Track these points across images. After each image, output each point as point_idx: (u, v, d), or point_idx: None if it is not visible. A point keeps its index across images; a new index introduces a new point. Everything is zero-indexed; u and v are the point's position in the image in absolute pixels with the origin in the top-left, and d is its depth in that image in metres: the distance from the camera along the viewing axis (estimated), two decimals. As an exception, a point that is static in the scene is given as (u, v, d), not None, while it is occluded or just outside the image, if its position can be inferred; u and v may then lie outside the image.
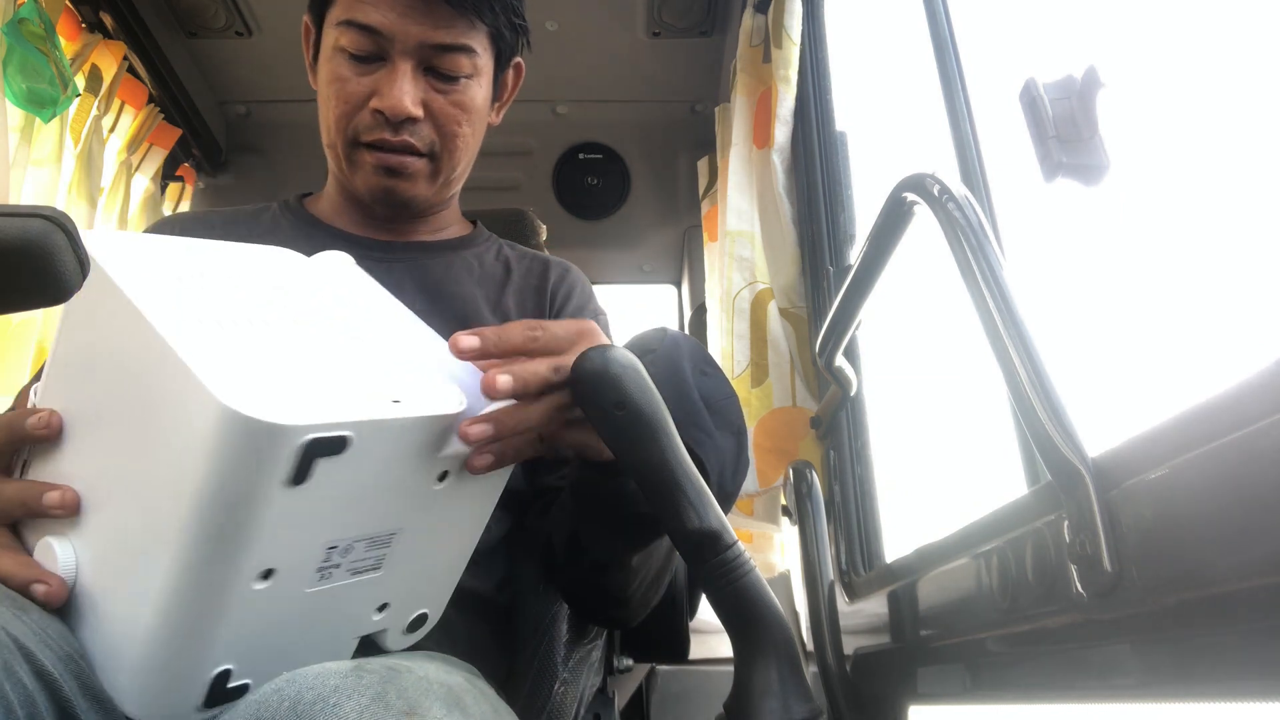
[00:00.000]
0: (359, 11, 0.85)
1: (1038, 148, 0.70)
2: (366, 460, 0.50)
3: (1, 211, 0.62)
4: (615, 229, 2.38)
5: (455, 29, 0.86)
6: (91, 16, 1.79)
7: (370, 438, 0.49)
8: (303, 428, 0.45)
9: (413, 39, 0.85)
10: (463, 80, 0.89)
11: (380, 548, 0.55)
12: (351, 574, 0.54)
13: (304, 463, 0.46)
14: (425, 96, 0.88)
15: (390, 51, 0.86)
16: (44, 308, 0.73)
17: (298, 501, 0.48)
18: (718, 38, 2.07)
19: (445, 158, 0.91)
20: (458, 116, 0.90)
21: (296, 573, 0.51)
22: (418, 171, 0.90)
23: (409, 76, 0.86)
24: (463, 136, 0.91)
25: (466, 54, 0.88)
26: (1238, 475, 0.46)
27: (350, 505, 0.51)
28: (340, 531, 0.52)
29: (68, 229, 0.65)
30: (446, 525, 0.60)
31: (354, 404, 0.49)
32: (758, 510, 1.51)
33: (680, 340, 1.11)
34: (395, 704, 0.46)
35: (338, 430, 0.47)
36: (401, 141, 0.88)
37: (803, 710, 0.55)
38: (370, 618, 0.59)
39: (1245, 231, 0.77)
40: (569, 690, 0.96)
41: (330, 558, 0.52)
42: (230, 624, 0.50)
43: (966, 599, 0.80)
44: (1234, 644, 0.50)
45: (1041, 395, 0.63)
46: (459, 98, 0.89)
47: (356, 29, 0.85)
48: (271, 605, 0.51)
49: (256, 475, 0.45)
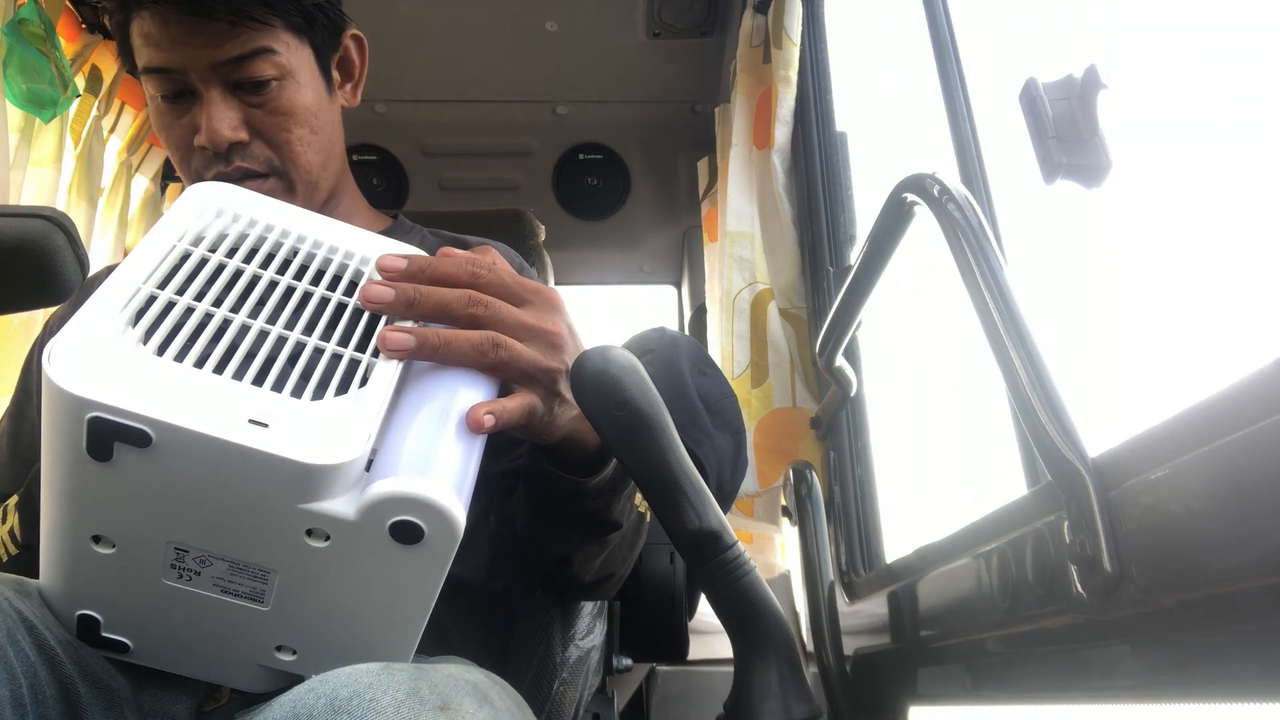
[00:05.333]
0: (148, 56, 0.83)
1: (1038, 148, 0.70)
2: (188, 469, 0.47)
3: (1, 211, 0.62)
4: (615, 229, 2.38)
5: (240, 38, 0.82)
6: (91, 17, 1.79)
7: (181, 444, 0.46)
8: (86, 402, 0.45)
9: (204, 63, 0.82)
10: (273, 85, 0.85)
11: (254, 580, 0.52)
12: (221, 591, 0.53)
13: (98, 439, 0.46)
14: (244, 116, 0.84)
15: (192, 83, 0.83)
16: (44, 308, 0.73)
17: (111, 480, 0.48)
18: (718, 38, 2.08)
19: (290, 168, 0.87)
20: (283, 123, 0.86)
21: (141, 557, 0.51)
22: (270, 191, 0.86)
23: (217, 103, 0.83)
24: (299, 139, 0.87)
25: (264, 56, 0.83)
26: (1238, 475, 0.46)
27: (188, 513, 0.50)
28: (183, 535, 0.50)
29: (68, 229, 0.65)
30: (354, 592, 0.53)
31: (170, 398, 0.47)
32: (758, 511, 1.51)
33: (679, 340, 1.11)
34: (429, 699, 0.47)
35: (129, 420, 0.46)
36: (236, 169, 0.85)
37: (803, 711, 0.55)
38: (270, 652, 0.56)
39: (1246, 232, 0.77)
40: (568, 690, 0.96)
41: (183, 559, 0.51)
42: (80, 573, 0.53)
43: (967, 599, 0.80)
44: (1234, 644, 0.50)
45: (1041, 395, 0.63)
46: (275, 104, 0.85)
47: (153, 74, 0.83)
48: (125, 577, 0.53)
49: (64, 437, 0.47)
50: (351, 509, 0.49)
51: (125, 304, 0.51)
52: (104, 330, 0.49)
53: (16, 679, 0.50)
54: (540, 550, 0.76)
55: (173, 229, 0.57)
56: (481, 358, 0.56)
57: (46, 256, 0.60)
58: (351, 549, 0.50)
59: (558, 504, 0.70)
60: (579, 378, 0.56)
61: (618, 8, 2.00)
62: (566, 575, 0.77)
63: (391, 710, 0.45)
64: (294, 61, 0.86)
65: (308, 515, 0.49)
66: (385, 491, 0.48)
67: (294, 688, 0.50)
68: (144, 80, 0.85)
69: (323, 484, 0.48)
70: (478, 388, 0.57)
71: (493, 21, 2.02)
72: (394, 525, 0.49)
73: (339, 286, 0.59)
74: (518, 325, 0.59)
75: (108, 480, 0.48)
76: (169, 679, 0.60)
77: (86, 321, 0.49)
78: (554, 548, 0.75)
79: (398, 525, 0.49)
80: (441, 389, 0.56)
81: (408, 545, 0.50)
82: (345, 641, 0.56)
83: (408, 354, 0.55)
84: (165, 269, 0.54)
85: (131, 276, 0.53)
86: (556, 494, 0.69)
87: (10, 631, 0.51)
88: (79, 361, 0.47)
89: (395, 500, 0.48)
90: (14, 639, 0.51)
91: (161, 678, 0.60)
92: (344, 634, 0.56)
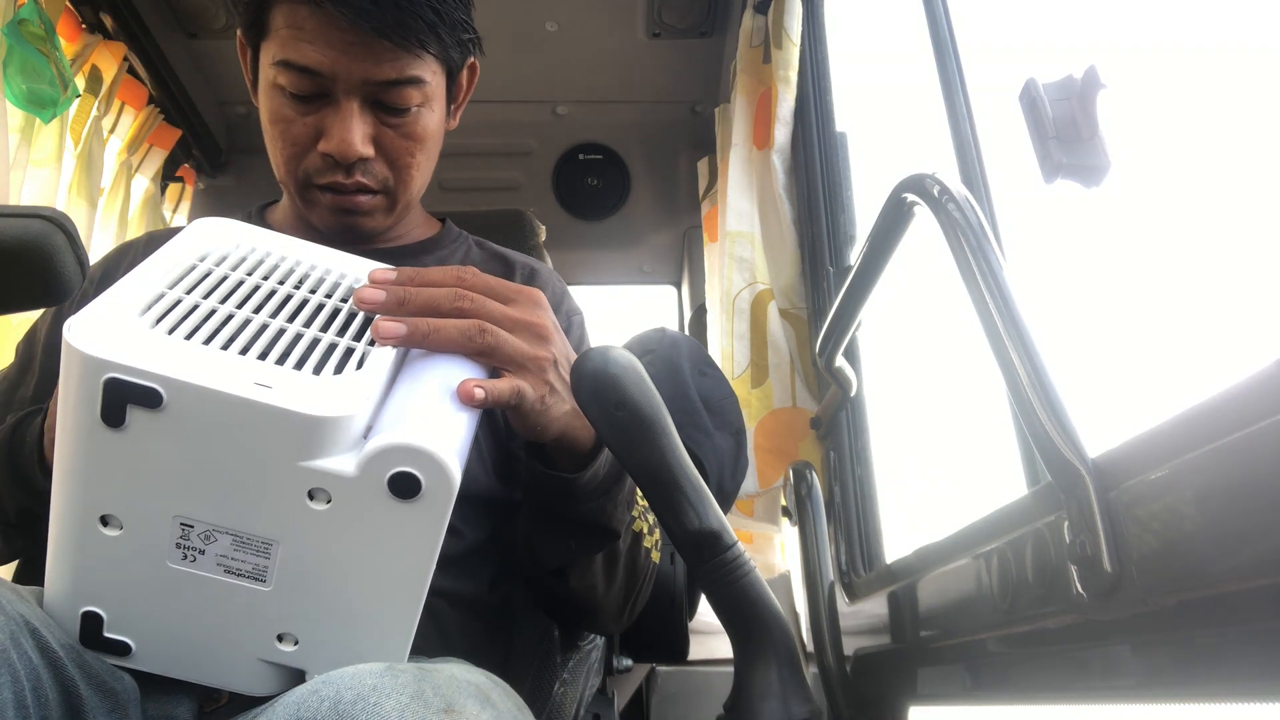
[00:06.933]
0: (295, 51, 0.78)
1: (1038, 148, 0.70)
2: (197, 430, 0.49)
3: (1, 212, 0.62)
4: (615, 230, 2.38)
5: (399, 62, 0.80)
6: (92, 17, 1.79)
7: (191, 402, 0.48)
8: (103, 362, 0.47)
9: (355, 77, 0.79)
10: (413, 110, 0.83)
11: (257, 555, 0.53)
12: (225, 571, 0.53)
13: (112, 402, 0.48)
14: (375, 133, 0.83)
15: (333, 90, 0.80)
16: (44, 308, 0.73)
17: (122, 447, 0.49)
18: (718, 38, 2.08)
19: (400, 190, 0.87)
20: (410, 148, 0.85)
21: (147, 536, 0.52)
22: (375, 207, 0.87)
23: (355, 115, 0.81)
24: (417, 164, 0.87)
25: (414, 84, 0.82)
26: (1238, 475, 0.46)
27: (196, 481, 0.51)
28: (189, 507, 0.52)
29: (68, 229, 0.65)
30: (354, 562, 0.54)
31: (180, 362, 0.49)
32: (758, 511, 1.51)
33: (679, 340, 1.11)
34: (433, 701, 0.47)
35: (143, 379, 0.47)
36: (355, 183, 0.84)
37: (802, 711, 0.55)
38: (271, 643, 0.57)
39: (1246, 232, 0.78)
40: (569, 691, 0.96)
41: (188, 537, 0.52)
42: (88, 560, 0.54)
43: (967, 599, 0.80)
44: (1234, 644, 0.50)
45: (1041, 395, 0.63)
46: (410, 129, 0.84)
47: (294, 70, 0.79)
48: (132, 563, 0.53)
49: (77, 402, 0.48)
50: (351, 465, 0.51)
51: (138, 296, 0.53)
52: (120, 312, 0.51)
53: (20, 682, 0.50)
54: (537, 562, 0.76)
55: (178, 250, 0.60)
56: (469, 342, 0.59)
57: (46, 256, 0.61)
58: (352, 510, 0.52)
59: (550, 507, 0.70)
60: (579, 377, 0.56)
61: (618, 8, 2.00)
62: (565, 591, 0.77)
63: (396, 713, 0.45)
64: (434, 91, 0.85)
65: (310, 474, 0.50)
66: (384, 443, 0.51)
67: (296, 689, 0.50)
68: (275, 70, 0.81)
69: (325, 438, 0.50)
70: (469, 370, 0.60)
71: (493, 21, 2.01)
72: (393, 477, 0.51)
73: (335, 295, 0.63)
74: (503, 317, 0.61)
75: (120, 449, 0.50)
76: (169, 682, 0.60)
77: (104, 303, 0.51)
78: (549, 557, 0.74)
79: (397, 477, 0.51)
80: (434, 370, 0.59)
81: (406, 501, 0.51)
82: (346, 624, 0.57)
83: (400, 340, 0.57)
84: (173, 276, 0.57)
85: (142, 279, 0.55)
86: (549, 495, 0.69)
87: (13, 634, 0.51)
88: (97, 331, 0.49)
89: (394, 450, 0.51)
90: (17, 642, 0.51)
91: (161, 681, 0.60)
92: (345, 615, 0.57)
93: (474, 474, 0.79)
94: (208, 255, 0.60)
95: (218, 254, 0.61)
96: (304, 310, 0.59)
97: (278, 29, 0.80)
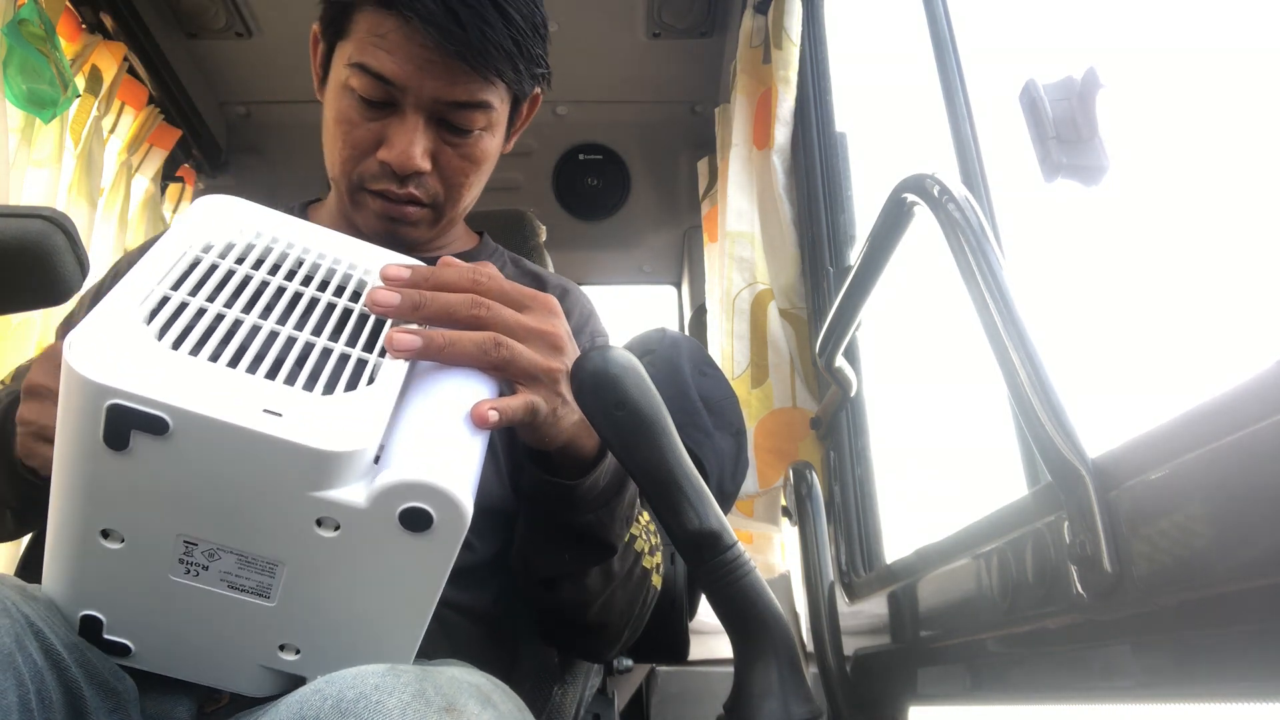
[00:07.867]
0: (373, 57, 0.80)
1: (1038, 149, 0.70)
2: (203, 457, 0.48)
3: (1, 212, 0.62)
4: (615, 230, 2.38)
5: (473, 86, 0.81)
6: (91, 17, 1.79)
7: (198, 431, 0.47)
8: (107, 389, 0.46)
9: (427, 93, 0.80)
10: (476, 133, 0.85)
11: (261, 574, 0.53)
12: (229, 587, 0.53)
13: (115, 427, 0.47)
14: (434, 149, 0.84)
15: (402, 101, 0.81)
16: (44, 308, 0.74)
17: (125, 470, 0.48)
18: (718, 38, 2.08)
19: (449, 207, 0.88)
20: (466, 169, 0.86)
21: (150, 552, 0.52)
22: (421, 219, 0.88)
23: (419, 129, 0.82)
24: (469, 185, 0.88)
25: (482, 109, 0.83)
26: (1238, 475, 0.46)
27: (200, 503, 0.50)
28: (193, 527, 0.51)
29: (68, 230, 0.65)
30: (360, 583, 0.54)
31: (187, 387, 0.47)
32: (758, 511, 1.51)
33: (680, 340, 1.11)
34: (435, 700, 0.47)
35: (148, 407, 0.46)
36: (406, 194, 0.85)
37: (802, 711, 0.55)
38: (273, 651, 0.57)
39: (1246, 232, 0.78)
40: (569, 691, 0.96)
41: (191, 554, 0.52)
42: (87, 570, 0.53)
43: (967, 600, 0.80)
44: (1234, 644, 0.50)
45: (1041, 396, 0.63)
46: (470, 151, 0.86)
47: (369, 75, 0.80)
48: (132, 574, 0.53)
49: (79, 423, 0.48)
50: (362, 497, 0.50)
51: (141, 302, 0.52)
52: (122, 324, 0.50)
53: (25, 685, 0.50)
54: (529, 571, 0.75)
55: (182, 237, 0.58)
56: (484, 356, 0.58)
57: (46, 256, 0.61)
58: (361, 538, 0.51)
59: (549, 514, 0.70)
60: (579, 377, 0.56)
61: (618, 8, 2.00)
62: (553, 602, 0.76)
63: (398, 712, 0.45)
64: (499, 117, 0.87)
65: (319, 503, 0.50)
66: (396, 478, 0.50)
67: (298, 689, 0.50)
68: (349, 70, 0.82)
69: (335, 471, 0.49)
70: (481, 386, 0.58)
71: (493, 22, 2.01)
72: (404, 512, 0.50)
73: (344, 293, 0.61)
74: (519, 327, 0.60)
75: (122, 470, 0.48)
76: (169, 681, 0.60)
77: (105, 315, 0.50)
78: (544, 566, 0.74)
79: (408, 512, 0.50)
80: (446, 388, 0.57)
81: (416, 533, 0.51)
82: (349, 639, 0.57)
83: (414, 354, 0.57)
84: (177, 273, 0.55)
85: (145, 278, 0.54)
86: (548, 502, 0.69)
87: (18, 636, 0.51)
88: (99, 351, 0.48)
89: (406, 487, 0.50)
90: (22, 644, 0.51)
91: (161, 680, 0.60)
92: (348, 631, 0.56)
93: (488, 485, 0.78)
94: (212, 246, 0.58)
95: (222, 244, 0.59)
96: (314, 313, 0.58)
97: (359, 33, 0.81)
